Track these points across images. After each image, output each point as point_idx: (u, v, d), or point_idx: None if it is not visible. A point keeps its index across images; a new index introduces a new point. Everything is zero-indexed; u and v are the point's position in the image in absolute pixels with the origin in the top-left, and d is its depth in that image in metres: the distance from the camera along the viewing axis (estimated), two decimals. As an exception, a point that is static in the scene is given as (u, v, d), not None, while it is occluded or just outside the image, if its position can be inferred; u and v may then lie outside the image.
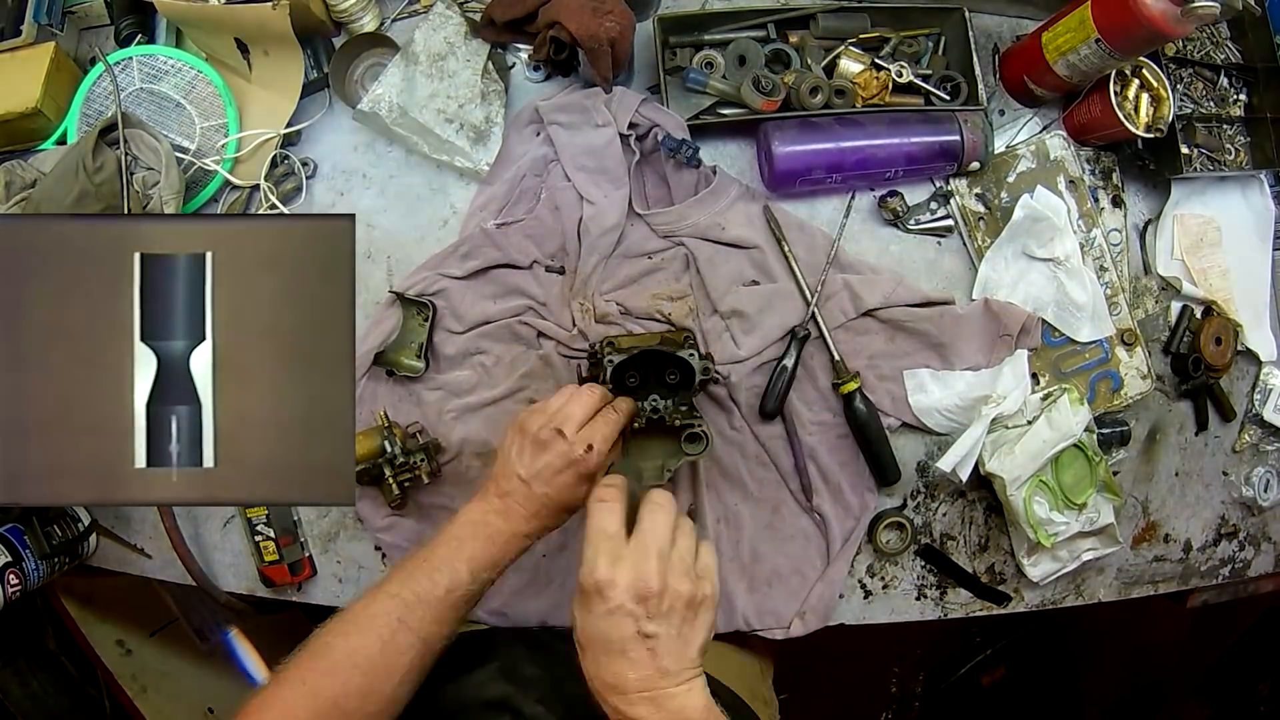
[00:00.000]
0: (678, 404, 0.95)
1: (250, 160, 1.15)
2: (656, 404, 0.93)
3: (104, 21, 1.20)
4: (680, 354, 0.94)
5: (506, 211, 1.15)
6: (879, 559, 1.19)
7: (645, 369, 0.95)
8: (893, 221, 1.20)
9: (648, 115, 1.13)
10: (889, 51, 1.19)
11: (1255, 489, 1.32)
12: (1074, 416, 1.13)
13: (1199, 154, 1.24)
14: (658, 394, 0.95)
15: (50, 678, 1.54)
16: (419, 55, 1.11)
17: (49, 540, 1.09)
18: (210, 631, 1.71)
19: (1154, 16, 1.00)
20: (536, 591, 1.14)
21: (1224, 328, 1.26)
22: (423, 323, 1.12)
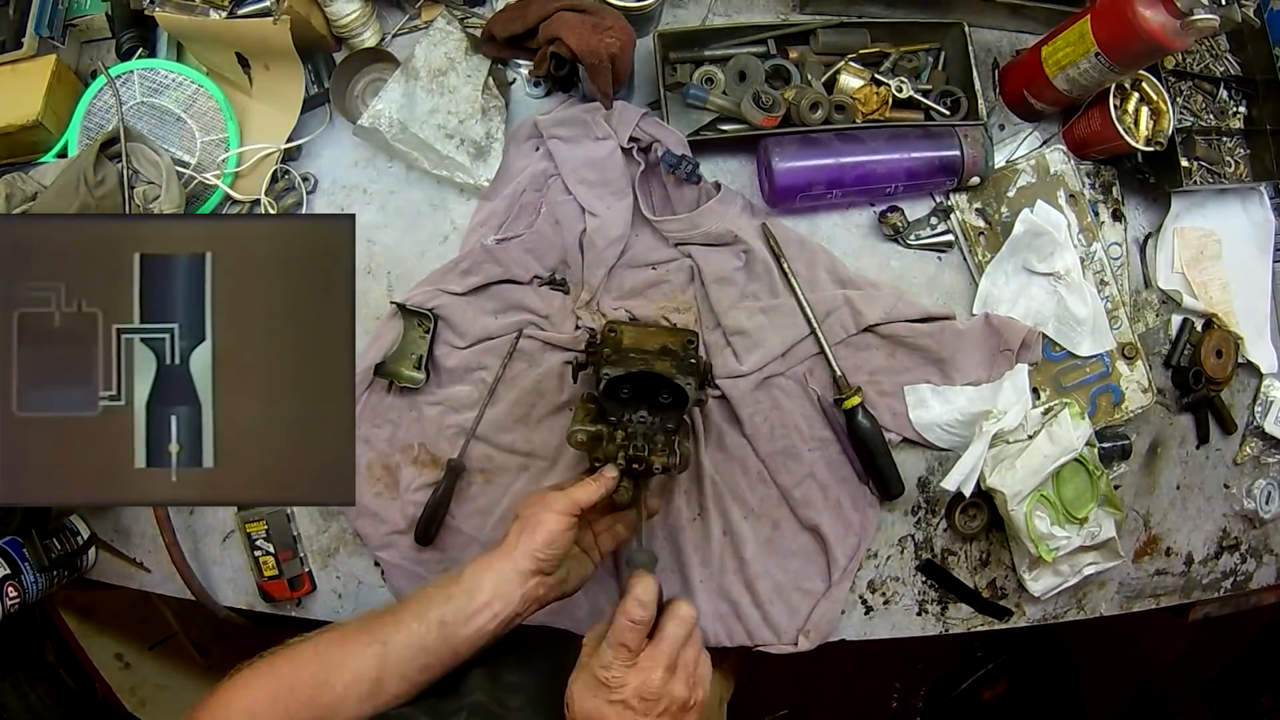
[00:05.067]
0: (665, 425, 0.95)
1: (251, 175, 1.15)
2: (640, 451, 0.90)
3: (105, 35, 1.20)
4: (677, 380, 0.93)
5: (506, 227, 1.15)
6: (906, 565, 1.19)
7: (639, 385, 0.95)
8: (893, 237, 1.20)
9: (648, 130, 1.13)
10: (889, 67, 1.19)
11: (1257, 501, 1.32)
12: (1075, 431, 1.12)
13: (1199, 167, 1.24)
14: (646, 410, 0.95)
15: (49, 690, 1.53)
16: (420, 71, 1.11)
17: (48, 553, 1.09)
18: (210, 646, 1.70)
19: (1154, 30, 1.00)
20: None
21: (1225, 340, 1.26)
22: (424, 334, 1.12)
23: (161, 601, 1.55)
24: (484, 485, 1.14)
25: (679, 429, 0.96)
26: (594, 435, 0.92)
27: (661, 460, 0.90)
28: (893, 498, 1.16)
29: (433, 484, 1.12)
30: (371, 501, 1.13)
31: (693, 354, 1.00)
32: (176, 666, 1.67)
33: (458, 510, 1.14)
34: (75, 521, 1.15)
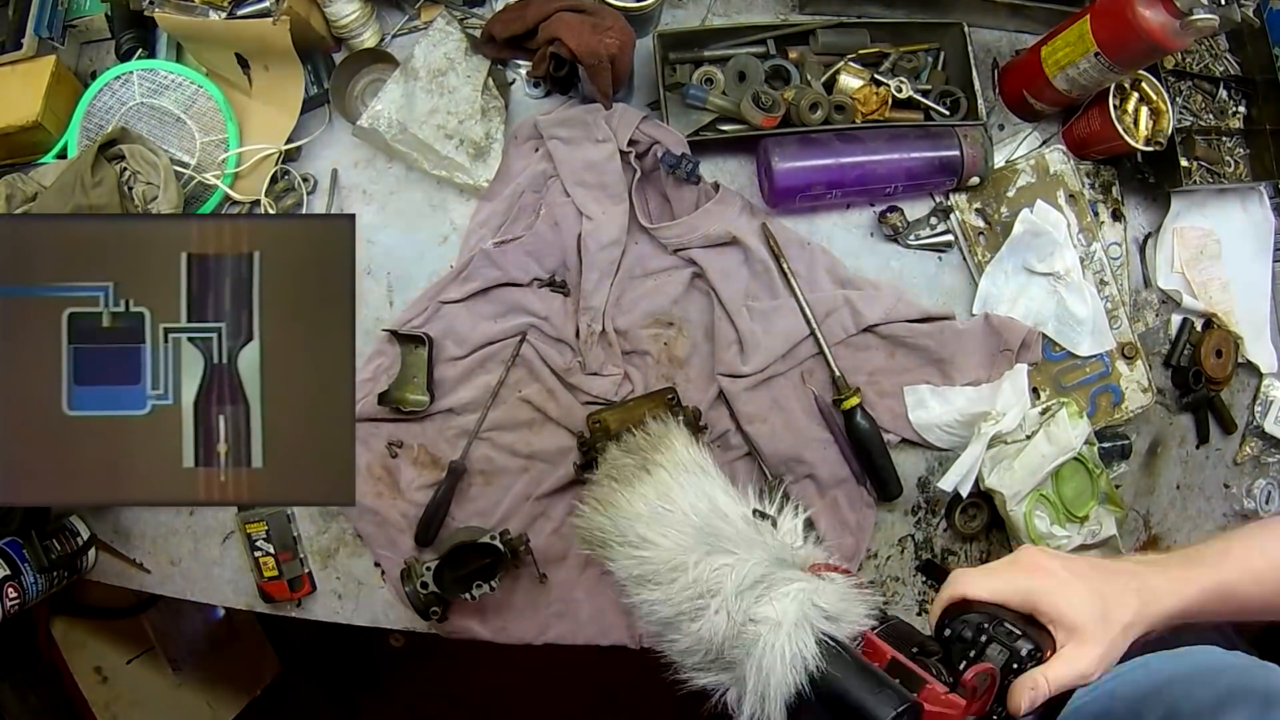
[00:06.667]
0: None
1: (250, 175, 1.15)
2: None
3: (105, 36, 1.20)
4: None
5: (506, 228, 1.15)
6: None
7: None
8: (893, 237, 1.20)
9: (648, 132, 1.13)
10: (888, 67, 1.19)
11: (1257, 501, 1.32)
12: (1073, 430, 1.12)
13: (1198, 166, 1.24)
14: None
15: (49, 693, 1.54)
16: (419, 71, 1.11)
17: (48, 554, 1.09)
18: (184, 661, 1.71)
19: (1153, 30, 1.00)
20: (535, 612, 1.14)
21: (1224, 340, 1.26)
22: (422, 356, 1.12)
23: (144, 615, 1.59)
24: (484, 486, 1.14)
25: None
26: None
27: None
28: (891, 498, 1.16)
29: (433, 485, 1.13)
30: (373, 501, 1.13)
31: (678, 409, 1.01)
32: (150, 682, 1.67)
33: (458, 511, 1.14)
34: (75, 522, 1.15)
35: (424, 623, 1.08)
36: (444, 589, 1.02)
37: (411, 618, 1.10)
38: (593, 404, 1.13)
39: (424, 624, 1.09)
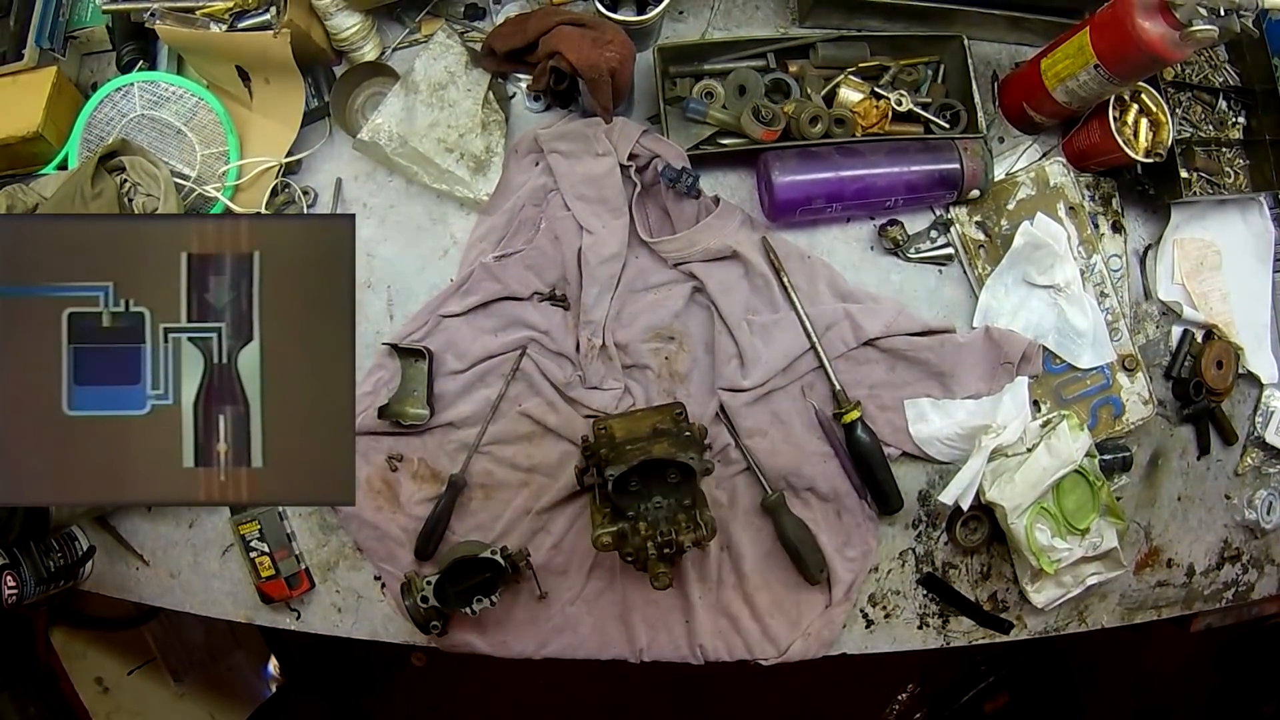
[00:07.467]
0: (682, 502, 0.96)
1: (251, 188, 1.15)
2: (667, 536, 0.93)
3: (106, 47, 1.20)
4: (679, 459, 0.93)
5: (506, 242, 1.15)
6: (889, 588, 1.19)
7: (645, 472, 0.95)
8: (893, 250, 1.20)
9: (648, 146, 1.13)
10: (888, 80, 1.19)
11: (1258, 512, 1.32)
12: (1073, 443, 1.12)
13: (1198, 178, 1.24)
14: (659, 495, 0.96)
15: (49, 704, 1.53)
16: (419, 84, 1.11)
17: (47, 559, 1.09)
18: (185, 672, 1.71)
19: (1153, 41, 1.00)
20: (535, 627, 1.14)
21: (1225, 351, 1.26)
22: (422, 369, 1.12)
23: (145, 626, 1.58)
24: (484, 500, 1.14)
25: (695, 501, 0.97)
26: (618, 534, 0.95)
27: (690, 537, 0.93)
28: (891, 512, 1.16)
29: (433, 499, 1.12)
30: (372, 515, 1.13)
31: (686, 425, 1.01)
32: (151, 693, 1.66)
33: (458, 525, 1.14)
34: (75, 530, 1.15)
35: (423, 636, 1.08)
36: (444, 603, 1.02)
37: (411, 631, 1.10)
38: (593, 419, 1.13)
39: (423, 638, 1.09)
